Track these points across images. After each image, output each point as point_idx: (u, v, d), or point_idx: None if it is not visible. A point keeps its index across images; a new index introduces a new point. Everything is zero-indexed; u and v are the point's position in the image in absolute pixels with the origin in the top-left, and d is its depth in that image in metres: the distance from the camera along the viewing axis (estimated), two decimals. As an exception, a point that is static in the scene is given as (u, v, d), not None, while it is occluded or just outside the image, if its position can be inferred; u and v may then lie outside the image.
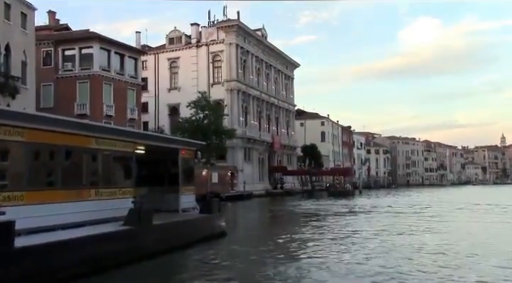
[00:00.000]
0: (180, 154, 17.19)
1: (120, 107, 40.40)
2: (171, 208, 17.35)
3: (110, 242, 11.52)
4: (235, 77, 61.48)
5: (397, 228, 21.15)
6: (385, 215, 29.79)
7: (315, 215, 31.28)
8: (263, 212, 37.19)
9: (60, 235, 10.56)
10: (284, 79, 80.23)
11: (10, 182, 10.21)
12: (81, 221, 12.03)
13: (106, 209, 12.96)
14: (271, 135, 70.77)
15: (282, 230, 22.67)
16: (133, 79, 42.40)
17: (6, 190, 9.96)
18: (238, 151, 60.94)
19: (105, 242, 11.35)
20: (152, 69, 66.55)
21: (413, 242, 16.29)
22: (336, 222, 24.74)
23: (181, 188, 17.29)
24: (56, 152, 11.44)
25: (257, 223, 27.52)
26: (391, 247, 15.11)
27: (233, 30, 61.78)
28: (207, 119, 54.71)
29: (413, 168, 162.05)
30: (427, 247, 15.23)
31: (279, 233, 20.70)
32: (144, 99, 66.64)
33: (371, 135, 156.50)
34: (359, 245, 15.56)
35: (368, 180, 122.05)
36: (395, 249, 14.84)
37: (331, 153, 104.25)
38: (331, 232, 19.71)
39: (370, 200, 53.01)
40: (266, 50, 71.82)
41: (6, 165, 10.37)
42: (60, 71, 39.44)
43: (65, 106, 38.32)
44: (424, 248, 14.93)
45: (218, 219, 17.59)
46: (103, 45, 39.42)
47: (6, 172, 10.32)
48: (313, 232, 20.05)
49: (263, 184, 66.66)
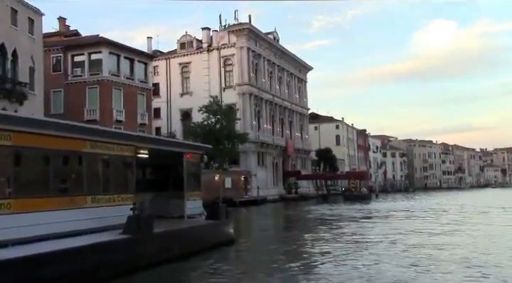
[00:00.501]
0: (184, 158, 16.41)
1: (130, 112, 39.92)
2: (176, 215, 16.59)
3: (106, 252, 10.76)
4: (247, 81, 60.76)
5: (415, 235, 20.07)
6: (403, 221, 28.66)
7: (329, 221, 30.24)
8: (276, 218, 36.26)
9: (50, 245, 9.81)
10: (297, 82, 79.28)
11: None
12: (76, 230, 11.28)
13: (104, 217, 12.20)
14: (284, 139, 69.81)
15: (295, 237, 21.77)
16: (143, 84, 41.91)
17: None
18: (251, 156, 60.10)
19: (101, 252, 10.60)
20: (164, 74, 66.21)
21: (433, 252, 15.20)
22: (351, 229, 23.70)
23: (186, 193, 16.49)
24: (47, 157, 10.71)
25: (269, 229, 26.59)
26: (412, 257, 14.09)
27: (244, 34, 61.12)
28: (219, 124, 54.07)
29: (430, 171, 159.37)
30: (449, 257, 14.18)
31: (291, 241, 19.81)
32: (156, 105, 66.47)
33: (387, 138, 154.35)
34: (376, 255, 14.54)
35: (384, 183, 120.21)
36: (415, 259, 13.83)
37: (347, 157, 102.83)
38: (346, 240, 18.68)
39: (387, 205, 51.69)
40: (278, 53, 71.02)
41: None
42: (70, 77, 39.13)
43: (75, 112, 37.96)
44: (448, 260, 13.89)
45: (226, 225, 16.75)
46: (112, 50, 39.03)
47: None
48: (327, 239, 19.07)
49: (277, 189, 65.70)
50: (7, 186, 9.76)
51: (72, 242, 10.31)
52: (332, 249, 15.87)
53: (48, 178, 10.82)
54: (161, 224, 14.63)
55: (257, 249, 16.59)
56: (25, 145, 10.02)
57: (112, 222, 12.36)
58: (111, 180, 13.00)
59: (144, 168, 17.63)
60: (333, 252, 15.07)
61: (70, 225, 11.12)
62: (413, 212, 37.22)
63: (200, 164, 17.45)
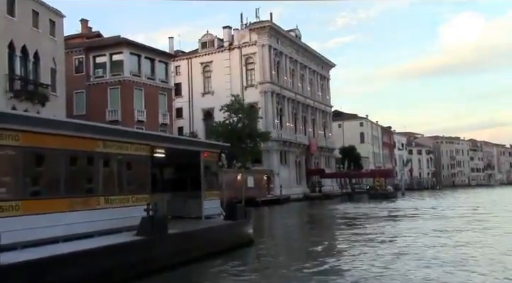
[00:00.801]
0: (201, 157, 16.06)
1: (152, 112, 39.92)
2: (194, 215, 16.26)
3: (119, 254, 10.46)
4: (269, 79, 60.25)
5: (443, 237, 19.28)
6: (431, 221, 27.74)
7: (354, 220, 29.56)
8: (299, 217, 35.70)
9: (61, 248, 9.56)
10: (320, 79, 78.36)
11: (2, 191, 9.28)
12: (89, 232, 11.04)
13: (118, 218, 11.94)
14: (307, 137, 69.07)
15: (318, 237, 21.21)
16: (164, 84, 41.86)
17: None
18: (274, 155, 59.61)
19: (113, 255, 10.31)
20: (185, 74, 66.26)
21: (464, 255, 14.45)
22: (377, 229, 22.95)
23: (204, 192, 16.14)
24: (57, 157, 10.48)
25: (292, 229, 26.04)
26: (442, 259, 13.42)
27: (265, 32, 60.62)
28: (241, 123, 53.75)
29: (458, 169, 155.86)
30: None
31: (314, 241, 19.26)
32: (178, 105, 66.69)
33: (412, 135, 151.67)
34: (404, 259, 13.88)
35: (410, 181, 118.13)
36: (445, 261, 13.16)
37: (371, 155, 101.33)
38: (371, 241, 18.02)
39: (413, 203, 50.48)
40: (300, 51, 70.27)
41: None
42: (92, 78, 39.36)
43: (97, 113, 38.14)
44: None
45: (245, 226, 16.32)
46: (133, 50, 39.09)
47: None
48: (352, 240, 18.42)
49: (301, 188, 65.03)
50: (15, 187, 9.55)
51: (83, 245, 10.05)
52: (361, 252, 15.22)
53: (58, 178, 10.58)
54: (176, 225, 14.32)
55: (277, 251, 16.12)
56: (35, 145, 9.80)
57: (126, 223, 12.10)
58: (125, 180, 12.73)
59: (161, 167, 17.36)
60: (360, 255, 14.43)
61: (82, 226, 10.88)
62: (442, 210, 36.14)
63: (217, 163, 17.06)
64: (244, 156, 54.65)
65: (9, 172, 9.51)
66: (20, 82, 28.67)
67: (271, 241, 19.17)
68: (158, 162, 16.93)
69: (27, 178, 9.92)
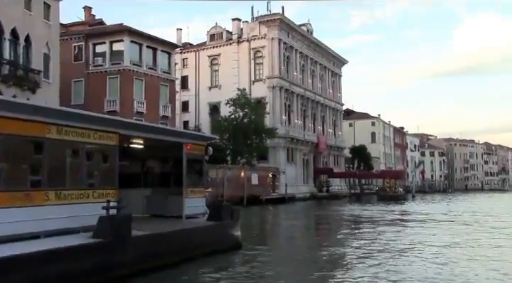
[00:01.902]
0: (184, 149, 14.31)
1: (152, 103, 38.31)
2: (175, 214, 14.53)
3: (66, 260, 8.75)
4: (278, 74, 58.33)
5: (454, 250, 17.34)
6: (441, 227, 25.76)
7: (360, 223, 27.68)
8: (301, 218, 33.77)
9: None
10: (331, 76, 76.19)
11: None
12: (34, 232, 9.34)
13: (74, 216, 10.23)
14: (316, 135, 67.03)
15: (317, 242, 19.40)
16: (166, 75, 40.17)
17: None
18: (280, 152, 57.76)
19: (57, 260, 8.60)
20: (193, 67, 64.62)
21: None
22: (384, 235, 21.04)
23: (186, 189, 14.38)
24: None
25: (291, 232, 24.17)
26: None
27: (276, 25, 58.68)
28: (247, 118, 52.00)
29: (472, 172, 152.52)
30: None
31: (312, 246, 17.48)
32: (184, 98, 65.13)
33: (426, 136, 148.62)
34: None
35: (422, 184, 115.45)
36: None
37: (382, 155, 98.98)
38: (376, 249, 16.16)
39: (423, 207, 48.30)
40: (311, 46, 68.18)
41: None
42: (91, 66, 37.84)
43: (95, 102, 36.69)
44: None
45: (230, 228, 14.53)
46: (134, 38, 37.47)
47: None
48: (354, 247, 16.58)
49: (307, 187, 63.08)
50: None
51: (21, 248, 8.35)
52: (361, 264, 13.40)
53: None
54: (149, 225, 12.62)
55: (267, 258, 14.29)
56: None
57: (86, 222, 10.38)
58: (84, 173, 10.97)
59: (141, 160, 15.68)
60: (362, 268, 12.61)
61: (25, 226, 9.17)
62: (456, 215, 34.01)
63: (204, 157, 15.29)
64: (250, 153, 52.97)
65: None
66: (9, 67, 27.18)
67: (264, 245, 17.33)
68: (137, 154, 15.29)
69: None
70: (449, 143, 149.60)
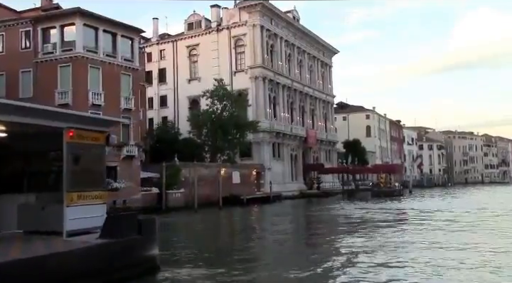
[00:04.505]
0: (65, 137, 10.02)
1: (111, 94, 33.88)
2: (56, 229, 10.25)
3: None
4: (260, 63, 54.01)
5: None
6: (440, 230, 21.56)
7: (344, 225, 23.45)
8: (280, 221, 29.44)
9: None
10: (321, 67, 71.79)
11: None
12: None
13: None
14: (305, 129, 62.69)
15: (282, 260, 15.14)
16: (128, 63, 35.71)
17: None
18: (265, 147, 53.47)
19: None
20: (170, 59, 60.30)
21: None
22: (373, 242, 16.79)
23: (68, 195, 10.09)
24: None
25: (254, 244, 19.73)
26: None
27: (257, 10, 54.34)
28: (226, 111, 47.69)
29: (471, 165, 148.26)
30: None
31: (266, 268, 13.23)
32: (162, 92, 60.94)
33: (423, 129, 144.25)
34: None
35: (420, 178, 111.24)
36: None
37: (378, 150, 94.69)
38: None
39: (421, 203, 44.17)
40: (298, 34, 63.79)
41: None
42: (40, 54, 33.49)
43: (45, 95, 32.34)
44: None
45: (138, 246, 10.27)
46: (88, 21, 33.04)
47: None
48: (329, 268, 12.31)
49: (297, 184, 58.84)
50: None
51: None
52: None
53: None
54: (6, 248, 8.36)
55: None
56: None
57: None
58: None
59: (7, 155, 11.34)
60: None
61: None
62: (453, 212, 29.81)
63: (103, 148, 10.98)
64: (231, 149, 48.68)
65: None
66: None
67: (197, 266, 12.94)
68: (9, 148, 10.96)
69: None
70: (448, 136, 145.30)
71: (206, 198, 40.91)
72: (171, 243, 16.80)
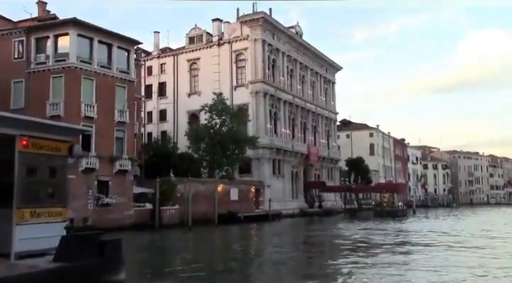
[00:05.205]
0: (17, 146, 8.81)
1: (105, 107, 32.80)
2: (4, 251, 8.97)
3: None
4: (261, 78, 53.00)
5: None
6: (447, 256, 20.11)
7: (346, 251, 22.01)
8: (273, 242, 27.99)
9: None
10: (324, 83, 70.78)
11: None
12: None
13: None
14: (307, 146, 61.36)
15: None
16: (124, 75, 34.68)
17: None
18: (265, 164, 52.12)
19: None
20: (171, 72, 59.45)
21: None
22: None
23: (19, 211, 8.84)
24: None
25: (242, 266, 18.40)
26: None
27: (259, 25, 53.55)
28: (225, 126, 46.57)
29: (477, 186, 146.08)
30: None
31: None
32: (162, 106, 60.03)
33: (428, 149, 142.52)
34: None
35: (425, 198, 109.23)
36: None
37: (382, 168, 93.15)
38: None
39: (424, 224, 42.56)
40: (300, 49, 62.94)
41: None
42: (32, 65, 32.55)
43: (37, 106, 31.31)
44: None
45: (97, 271, 8.96)
46: (82, 31, 32.18)
47: None
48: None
49: (297, 202, 57.32)
50: None
51: None
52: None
53: None
54: None
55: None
56: None
57: None
58: None
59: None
60: None
61: None
62: (459, 237, 28.27)
63: (65, 159, 9.76)
64: (230, 164, 47.43)
65: None
66: None
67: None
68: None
69: None
70: (453, 155, 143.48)
71: (203, 214, 39.51)
72: (150, 264, 15.46)
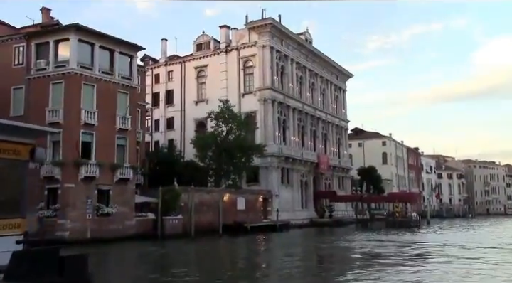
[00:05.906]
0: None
1: (106, 114, 31.93)
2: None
3: None
4: (269, 85, 51.88)
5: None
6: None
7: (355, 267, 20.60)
8: (273, 256, 26.66)
9: None
10: (334, 90, 69.44)
11: None
12: None
13: None
14: (316, 154, 59.94)
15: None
16: (126, 81, 33.83)
17: None
18: (273, 172, 50.80)
19: None
20: (178, 80, 58.64)
21: None
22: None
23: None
24: None
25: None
26: None
27: (267, 31, 52.56)
28: (232, 134, 45.48)
29: (493, 196, 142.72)
30: None
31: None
32: (169, 114, 59.21)
33: (442, 158, 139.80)
34: None
35: (439, 208, 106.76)
36: None
37: (395, 178, 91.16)
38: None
39: (438, 235, 40.81)
40: (310, 56, 61.78)
41: None
42: (32, 71, 31.85)
43: (37, 113, 30.60)
44: None
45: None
46: (83, 37, 31.42)
47: None
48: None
49: (307, 212, 55.86)
50: None
51: None
52: None
53: None
54: None
55: None
56: None
57: None
58: None
59: None
60: None
61: None
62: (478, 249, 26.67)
63: (25, 164, 8.66)
64: (236, 173, 46.25)
65: None
66: None
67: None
68: None
69: None
70: (468, 165, 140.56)
71: (208, 224, 38.39)
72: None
